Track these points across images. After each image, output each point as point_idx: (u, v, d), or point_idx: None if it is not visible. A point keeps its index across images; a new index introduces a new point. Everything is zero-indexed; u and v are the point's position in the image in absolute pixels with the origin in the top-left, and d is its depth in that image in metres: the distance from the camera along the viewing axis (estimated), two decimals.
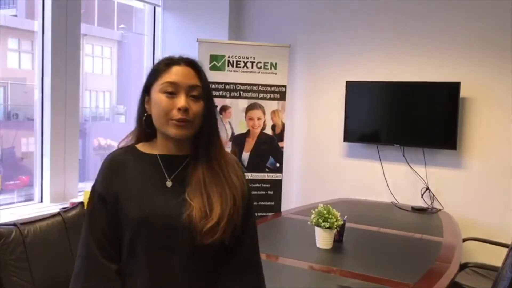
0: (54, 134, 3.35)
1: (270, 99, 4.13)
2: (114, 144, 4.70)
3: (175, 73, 1.25)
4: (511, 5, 3.51)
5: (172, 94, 1.24)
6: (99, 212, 1.26)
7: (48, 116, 3.34)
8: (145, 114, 1.30)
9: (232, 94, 4.07)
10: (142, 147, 1.33)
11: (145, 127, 1.31)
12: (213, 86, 4.02)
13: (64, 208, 2.46)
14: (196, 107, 1.25)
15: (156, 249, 1.23)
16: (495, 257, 2.98)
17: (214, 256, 1.28)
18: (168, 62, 1.28)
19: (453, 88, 3.62)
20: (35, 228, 2.03)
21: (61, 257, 2.11)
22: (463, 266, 2.93)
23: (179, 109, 1.22)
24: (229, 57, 4.05)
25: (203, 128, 1.28)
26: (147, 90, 1.30)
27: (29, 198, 3.45)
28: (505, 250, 2.73)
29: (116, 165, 1.29)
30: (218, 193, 1.25)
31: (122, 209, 1.24)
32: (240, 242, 1.30)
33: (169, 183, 1.28)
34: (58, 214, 2.20)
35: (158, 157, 1.30)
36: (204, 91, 1.27)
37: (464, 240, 3.08)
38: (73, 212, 2.29)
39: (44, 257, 2.00)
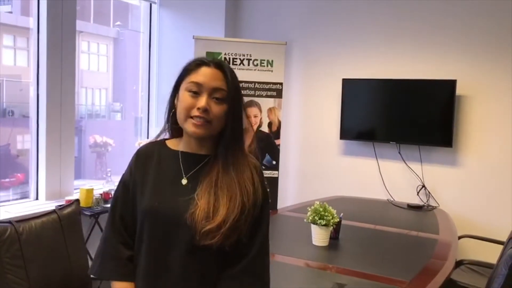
0: (50, 132, 3.34)
1: (267, 96, 4.13)
2: (110, 141, 4.69)
3: (202, 74, 1.29)
4: (507, 3, 3.51)
5: (195, 94, 1.27)
6: (120, 199, 1.36)
7: (43, 114, 3.32)
8: (173, 110, 1.34)
9: None
10: (170, 142, 1.39)
11: (171, 122, 1.37)
12: None
13: (60, 205, 2.46)
14: (218, 109, 1.27)
15: (158, 242, 1.27)
16: (491, 254, 3.00)
17: (214, 259, 1.26)
18: (199, 63, 1.31)
19: (449, 85, 3.63)
20: (30, 225, 2.02)
21: (57, 255, 2.11)
22: (459, 263, 2.94)
23: (198, 109, 1.25)
24: (225, 54, 4.05)
25: (225, 130, 1.30)
26: (176, 88, 1.34)
27: (25, 196, 3.44)
28: (500, 247, 2.74)
29: (142, 157, 1.37)
30: (228, 197, 1.25)
31: (137, 199, 1.32)
32: (245, 251, 1.28)
33: (184, 181, 1.31)
34: (53, 211, 2.20)
35: (180, 154, 1.34)
36: (228, 95, 1.29)
37: (459, 238, 3.09)
38: (69, 210, 2.28)
39: (39, 254, 2.00)
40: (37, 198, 3.40)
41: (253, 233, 1.29)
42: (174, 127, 1.37)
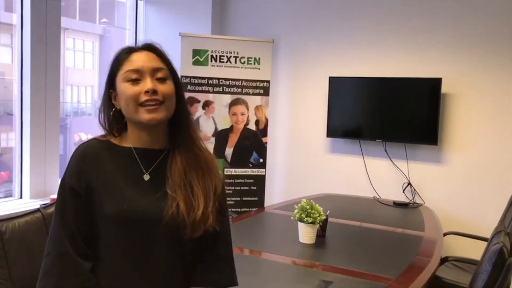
0: (34, 129, 3.30)
1: (254, 94, 4.12)
2: None
3: (136, 60, 1.22)
4: (493, 3, 3.55)
5: (136, 81, 1.20)
6: (71, 207, 1.21)
7: (27, 111, 3.28)
8: (113, 110, 1.26)
9: (216, 89, 4.05)
10: (114, 139, 1.29)
11: (115, 123, 1.27)
12: (196, 81, 4.00)
13: (44, 204, 2.42)
14: (164, 87, 1.21)
15: (136, 246, 1.21)
16: (475, 251, 3.03)
17: (191, 248, 1.27)
18: (127, 51, 1.24)
19: (435, 84, 3.66)
20: (14, 225, 1.99)
21: (40, 255, 2.08)
22: (444, 260, 2.97)
23: (146, 92, 1.18)
24: (212, 51, 4.03)
25: (178, 112, 1.26)
26: (111, 84, 1.25)
27: (8, 194, 3.40)
28: (484, 244, 2.77)
29: (89, 157, 1.23)
30: (201, 184, 1.24)
31: (98, 204, 1.20)
32: (215, 238, 1.28)
33: (146, 177, 1.24)
34: (37, 210, 2.16)
35: (133, 150, 1.26)
36: (169, 72, 1.25)
37: (444, 235, 3.12)
38: (53, 209, 2.25)
39: (22, 254, 1.97)
40: (21, 197, 3.36)
41: (220, 219, 1.29)
42: (116, 127, 1.27)
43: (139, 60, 1.21)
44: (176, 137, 1.27)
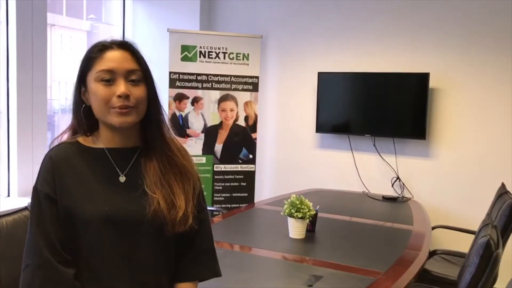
0: (21, 127, 3.27)
1: (243, 90, 4.12)
2: None
3: (110, 59, 1.17)
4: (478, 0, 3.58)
5: (109, 82, 1.16)
6: (48, 214, 1.16)
7: (14, 109, 3.25)
8: (83, 106, 1.22)
9: (204, 85, 4.04)
10: (84, 141, 1.25)
11: (85, 119, 1.22)
12: (185, 77, 3.99)
13: None
14: (137, 91, 1.18)
15: (120, 247, 1.18)
16: (463, 244, 3.06)
17: (175, 246, 1.28)
18: (101, 48, 1.18)
19: (422, 78, 3.68)
20: (1, 223, 1.97)
21: None
22: (432, 253, 2.99)
23: (119, 96, 1.15)
24: (200, 47, 4.02)
25: (150, 114, 1.23)
26: (82, 80, 1.21)
27: None
28: (471, 237, 2.80)
29: (60, 162, 1.19)
30: (177, 180, 1.24)
31: (75, 208, 1.17)
32: (196, 234, 1.30)
33: (122, 178, 1.22)
34: (25, 208, 2.14)
35: (106, 151, 1.23)
36: (143, 74, 1.20)
37: (433, 228, 3.14)
38: None
39: (10, 253, 1.95)
40: (8, 195, 3.33)
41: (202, 218, 1.31)
42: (87, 124, 1.23)
43: (113, 60, 1.17)
44: (149, 136, 1.25)
